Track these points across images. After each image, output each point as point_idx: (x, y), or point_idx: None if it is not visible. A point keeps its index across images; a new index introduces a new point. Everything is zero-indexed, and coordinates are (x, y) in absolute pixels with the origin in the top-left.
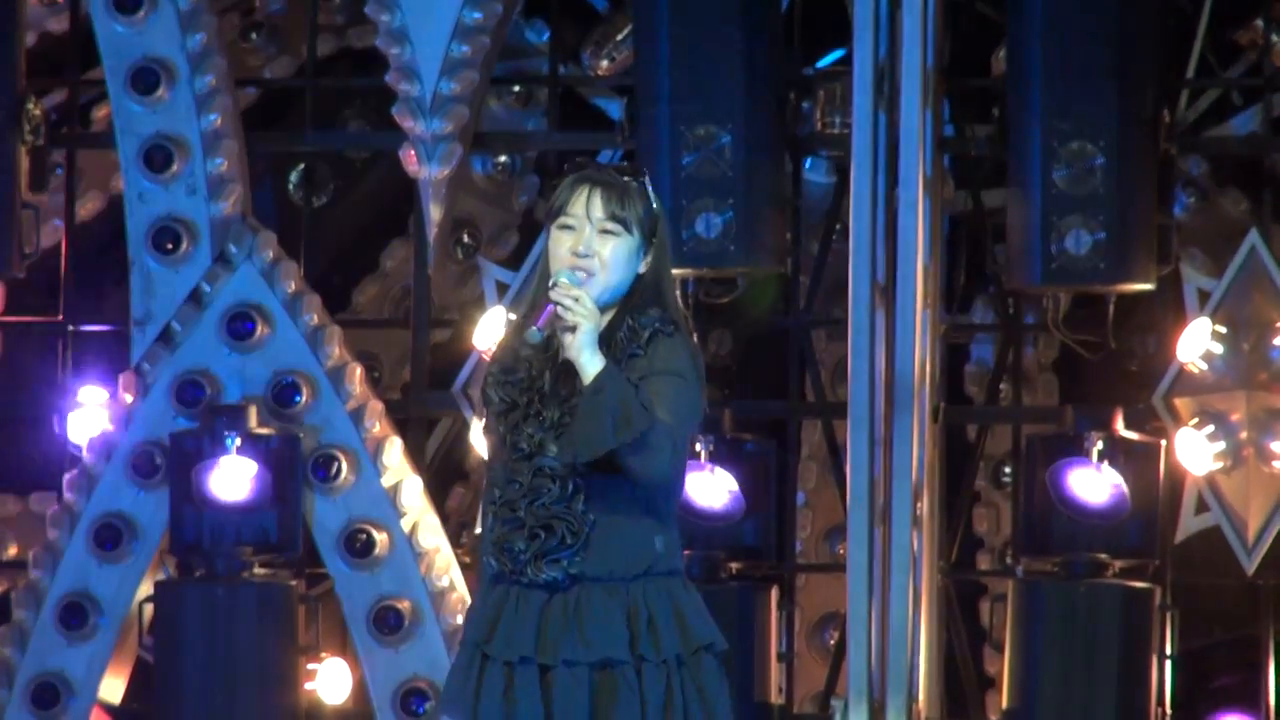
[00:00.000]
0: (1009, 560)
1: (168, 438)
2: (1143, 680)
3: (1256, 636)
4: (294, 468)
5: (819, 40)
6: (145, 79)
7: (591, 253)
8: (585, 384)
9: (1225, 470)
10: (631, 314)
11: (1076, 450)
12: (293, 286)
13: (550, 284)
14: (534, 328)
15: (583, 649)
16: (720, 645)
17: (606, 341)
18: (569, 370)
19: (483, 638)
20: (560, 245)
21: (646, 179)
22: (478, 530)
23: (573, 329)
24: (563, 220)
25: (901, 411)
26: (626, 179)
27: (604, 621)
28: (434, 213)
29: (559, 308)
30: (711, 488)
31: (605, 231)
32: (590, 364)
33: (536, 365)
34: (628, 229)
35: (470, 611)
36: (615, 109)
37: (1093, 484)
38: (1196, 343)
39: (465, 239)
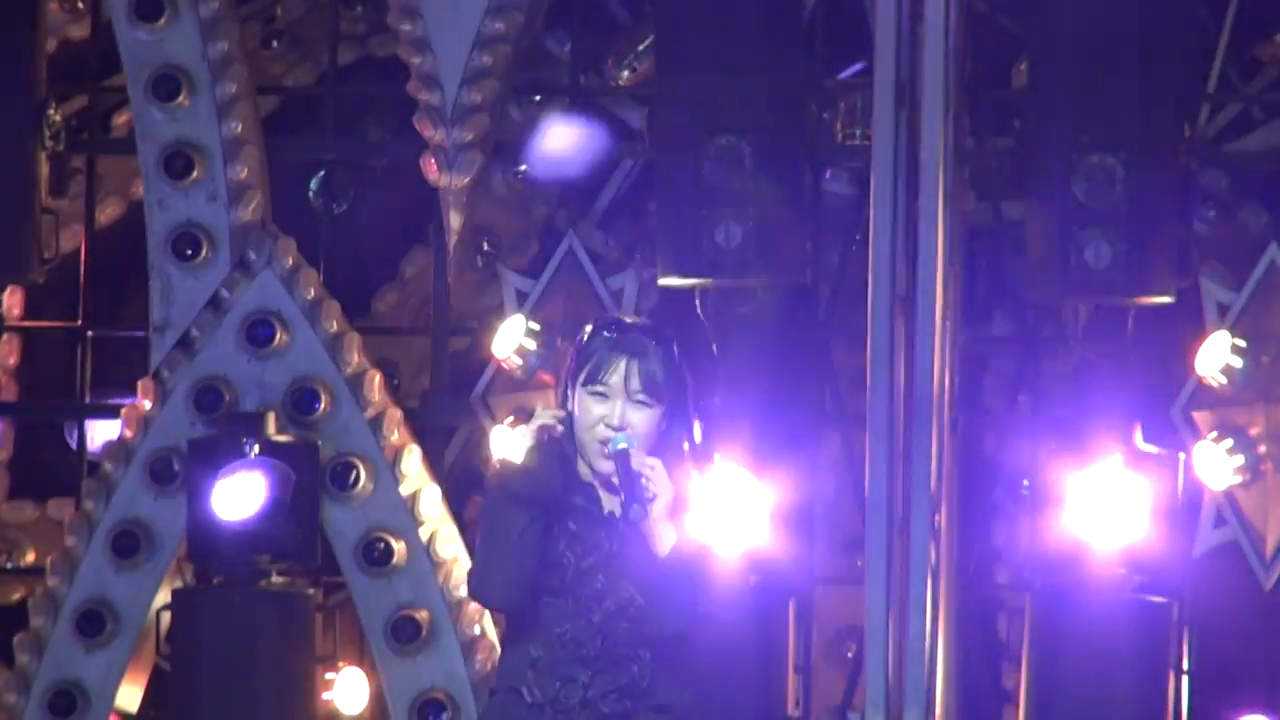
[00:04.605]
0: (1027, 573)
1: (186, 444)
2: (1159, 695)
3: (1273, 651)
4: (312, 476)
5: (840, 51)
6: (166, 86)
7: (625, 424)
8: (660, 554)
9: (1243, 484)
10: None
11: (1092, 463)
12: (312, 293)
13: (612, 448)
14: (636, 505)
15: None
16: None
17: None
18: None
19: None
20: (591, 413)
21: (674, 342)
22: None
23: (653, 499)
24: (595, 389)
25: (920, 422)
26: (654, 343)
27: None
28: (454, 221)
29: (643, 479)
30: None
31: (638, 403)
32: (667, 535)
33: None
34: (659, 400)
35: None
36: (636, 119)
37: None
38: (1215, 356)
39: (485, 247)
